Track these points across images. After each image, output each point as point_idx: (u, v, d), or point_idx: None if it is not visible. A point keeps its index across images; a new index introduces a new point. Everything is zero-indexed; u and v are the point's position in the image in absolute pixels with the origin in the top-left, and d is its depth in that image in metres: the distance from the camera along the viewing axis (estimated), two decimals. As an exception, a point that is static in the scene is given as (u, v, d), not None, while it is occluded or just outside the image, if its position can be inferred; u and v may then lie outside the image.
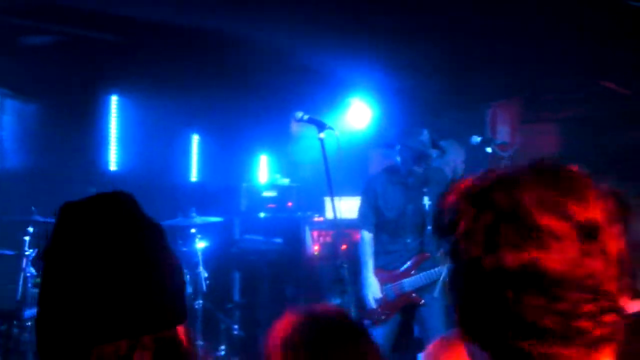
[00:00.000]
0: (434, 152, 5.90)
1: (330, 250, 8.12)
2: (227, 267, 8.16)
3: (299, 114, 5.32)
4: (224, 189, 9.05)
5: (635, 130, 8.49)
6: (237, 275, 8.18)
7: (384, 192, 5.97)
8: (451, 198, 1.26)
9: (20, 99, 8.01)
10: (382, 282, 5.90)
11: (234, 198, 8.92)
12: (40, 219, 6.64)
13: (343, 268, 5.16)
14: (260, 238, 8.21)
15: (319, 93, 9.32)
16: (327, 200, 8.28)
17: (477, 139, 6.27)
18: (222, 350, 7.62)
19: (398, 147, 5.95)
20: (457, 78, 8.80)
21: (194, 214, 7.31)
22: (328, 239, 8.26)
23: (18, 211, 6.77)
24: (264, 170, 9.86)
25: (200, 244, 7.35)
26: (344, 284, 5.26)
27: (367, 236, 5.98)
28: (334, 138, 5.39)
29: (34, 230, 6.56)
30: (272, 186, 8.97)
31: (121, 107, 8.79)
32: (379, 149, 10.06)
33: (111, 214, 1.69)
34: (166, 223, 7.50)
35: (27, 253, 6.22)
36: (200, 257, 7.28)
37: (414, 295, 5.84)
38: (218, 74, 8.94)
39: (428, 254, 5.86)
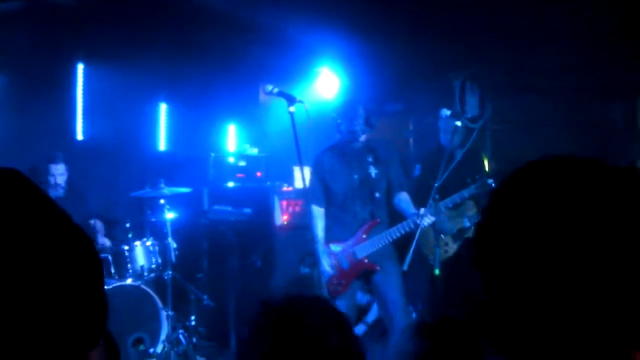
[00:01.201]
0: (365, 130, 5.99)
1: (299, 220, 8.13)
2: (196, 238, 8.13)
3: (269, 87, 5.27)
4: (192, 159, 9.00)
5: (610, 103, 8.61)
6: (206, 246, 8.16)
7: (330, 166, 6.04)
8: None
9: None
10: (335, 253, 5.95)
11: (202, 168, 8.88)
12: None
13: (314, 241, 5.19)
14: (229, 209, 8.18)
15: (288, 62, 9.28)
16: (296, 170, 8.32)
17: (446, 112, 6.28)
18: (192, 320, 7.63)
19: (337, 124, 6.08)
20: (426, 46, 8.77)
21: (162, 185, 7.26)
22: (297, 209, 8.27)
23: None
24: (232, 140, 9.81)
25: (169, 215, 7.32)
26: (314, 257, 5.29)
27: (316, 210, 6.03)
28: (304, 111, 5.39)
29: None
30: (240, 156, 8.93)
31: (88, 76, 8.70)
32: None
33: None
34: (135, 194, 7.47)
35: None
36: (169, 228, 7.25)
37: (366, 261, 5.89)
38: (186, 42, 8.87)
39: (378, 220, 5.94)
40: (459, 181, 6.17)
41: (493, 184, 5.85)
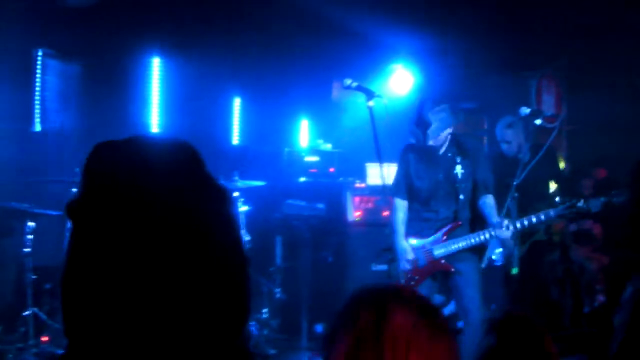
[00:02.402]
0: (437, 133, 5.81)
1: (372, 217, 8.09)
2: (269, 232, 8.14)
3: (348, 81, 5.26)
4: (265, 153, 9.02)
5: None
6: (279, 240, 8.16)
7: (416, 162, 5.96)
8: None
9: (63, 59, 7.98)
10: (414, 248, 5.89)
11: (275, 162, 8.89)
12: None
13: (393, 234, 5.13)
14: (302, 203, 8.18)
15: (361, 58, 9.25)
16: (369, 166, 8.29)
17: (526, 110, 6.17)
18: (264, 313, 7.65)
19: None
20: (501, 43, 8.66)
21: (236, 178, 7.30)
22: (370, 205, 8.22)
23: (61, 172, 6.79)
24: (305, 135, 9.81)
25: (243, 208, 7.35)
26: (392, 252, 5.22)
27: (400, 203, 5.98)
28: (382, 106, 5.35)
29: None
30: (314, 151, 8.93)
31: (163, 69, 8.76)
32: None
33: (162, 169, 1.39)
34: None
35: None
36: (242, 221, 7.28)
37: (442, 262, 5.83)
38: (261, 37, 8.90)
39: (459, 222, 5.85)
40: (537, 181, 6.09)
41: (584, 206, 5.71)
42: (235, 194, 7.33)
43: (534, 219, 5.75)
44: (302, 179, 8.68)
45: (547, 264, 7.35)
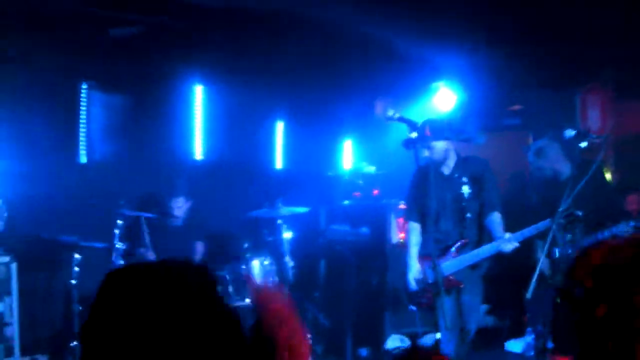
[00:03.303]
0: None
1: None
2: (313, 257, 8.15)
3: (390, 112, 5.26)
4: (309, 177, 9.03)
5: None
6: (323, 265, 8.16)
7: (425, 184, 6.01)
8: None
9: (107, 90, 8.09)
10: (424, 267, 6.05)
11: (319, 186, 8.89)
12: (127, 212, 6.74)
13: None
14: (346, 228, 8.18)
15: (404, 77, 9.22)
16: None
17: (571, 132, 6.06)
18: (309, 339, 7.63)
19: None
20: (545, 60, 8.56)
21: (280, 205, 7.32)
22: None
23: (106, 203, 6.88)
24: (348, 157, 9.80)
25: (287, 234, 7.37)
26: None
27: (412, 226, 6.22)
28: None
29: (123, 224, 6.67)
30: (357, 174, 8.93)
31: (206, 97, 8.83)
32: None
33: (172, 295, 1.49)
34: (253, 214, 7.53)
35: (117, 246, 6.31)
36: (286, 247, 7.30)
37: (451, 278, 5.94)
38: (302, 60, 8.89)
39: (467, 240, 6.01)
40: (583, 200, 5.98)
41: (580, 214, 5.68)
42: (279, 220, 7.36)
43: (530, 232, 5.80)
44: (346, 202, 8.66)
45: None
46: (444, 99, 9.36)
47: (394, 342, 8.10)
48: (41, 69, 7.24)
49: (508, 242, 5.72)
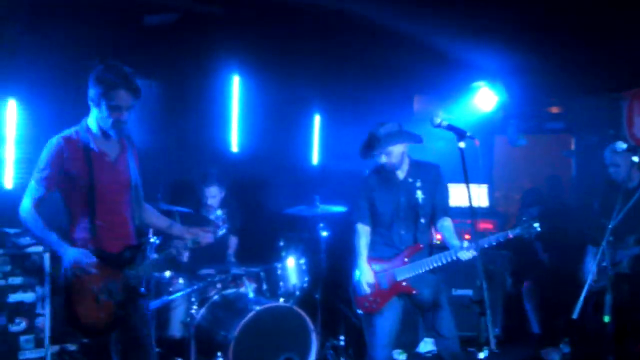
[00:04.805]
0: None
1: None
2: (348, 256, 7.99)
3: (437, 119, 4.94)
4: (346, 174, 8.88)
5: None
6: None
7: (378, 187, 6.02)
8: None
9: (143, 79, 7.97)
10: (376, 272, 5.93)
11: (355, 182, 8.73)
12: (163, 206, 6.64)
13: (482, 289, 4.92)
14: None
15: (443, 75, 9.06)
16: (451, 187, 8.06)
17: (622, 145, 5.87)
18: (341, 340, 7.51)
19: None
20: (590, 62, 8.36)
21: (317, 203, 7.19)
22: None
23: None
24: (386, 154, 9.61)
25: (323, 233, 7.25)
26: (483, 306, 4.97)
27: (361, 228, 6.06)
28: (473, 146, 5.09)
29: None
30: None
31: (243, 88, 8.71)
32: (504, 135, 9.76)
33: None
34: (289, 211, 7.41)
35: (151, 240, 6.20)
36: (322, 246, 7.18)
37: (404, 284, 5.85)
38: (341, 54, 8.77)
39: (421, 245, 5.89)
40: (634, 220, 5.80)
41: (539, 228, 5.62)
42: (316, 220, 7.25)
43: (489, 242, 5.65)
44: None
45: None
46: (484, 99, 9.21)
47: (427, 346, 7.97)
48: (74, 58, 7.13)
49: (466, 251, 5.56)
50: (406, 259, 5.84)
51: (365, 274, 5.91)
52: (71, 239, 4.58)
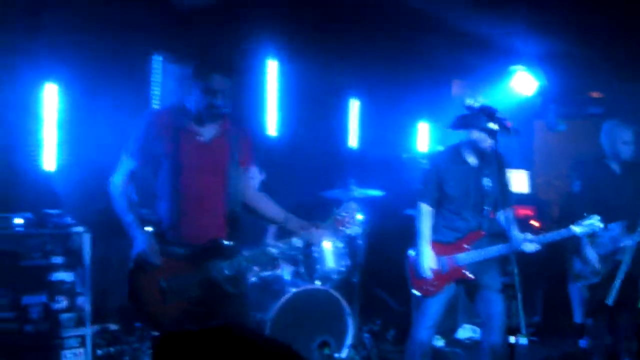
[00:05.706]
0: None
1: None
2: (386, 241, 7.99)
3: (470, 100, 4.88)
4: (383, 158, 8.88)
5: None
6: (396, 249, 8.00)
7: (447, 170, 5.91)
8: None
9: (181, 63, 8.02)
10: (438, 255, 5.86)
11: (393, 168, 8.73)
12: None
13: (513, 275, 4.91)
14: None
15: (481, 59, 9.00)
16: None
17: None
18: (378, 324, 7.53)
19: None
20: (630, 47, 8.25)
21: (353, 187, 7.18)
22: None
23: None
24: (424, 139, 9.60)
25: (359, 216, 7.23)
26: (514, 290, 4.97)
27: (425, 209, 5.92)
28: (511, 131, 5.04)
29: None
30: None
31: (280, 72, 8.71)
32: (543, 120, 9.68)
33: None
34: (325, 194, 7.41)
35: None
36: (359, 230, 7.17)
37: (464, 270, 5.78)
38: (378, 38, 8.74)
39: (483, 232, 5.85)
40: None
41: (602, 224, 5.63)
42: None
43: (553, 237, 5.67)
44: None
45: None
46: (522, 83, 9.13)
47: (466, 332, 7.95)
48: (111, 42, 7.18)
49: (530, 243, 5.54)
50: (467, 245, 5.81)
51: (429, 258, 5.83)
52: (155, 224, 4.50)
